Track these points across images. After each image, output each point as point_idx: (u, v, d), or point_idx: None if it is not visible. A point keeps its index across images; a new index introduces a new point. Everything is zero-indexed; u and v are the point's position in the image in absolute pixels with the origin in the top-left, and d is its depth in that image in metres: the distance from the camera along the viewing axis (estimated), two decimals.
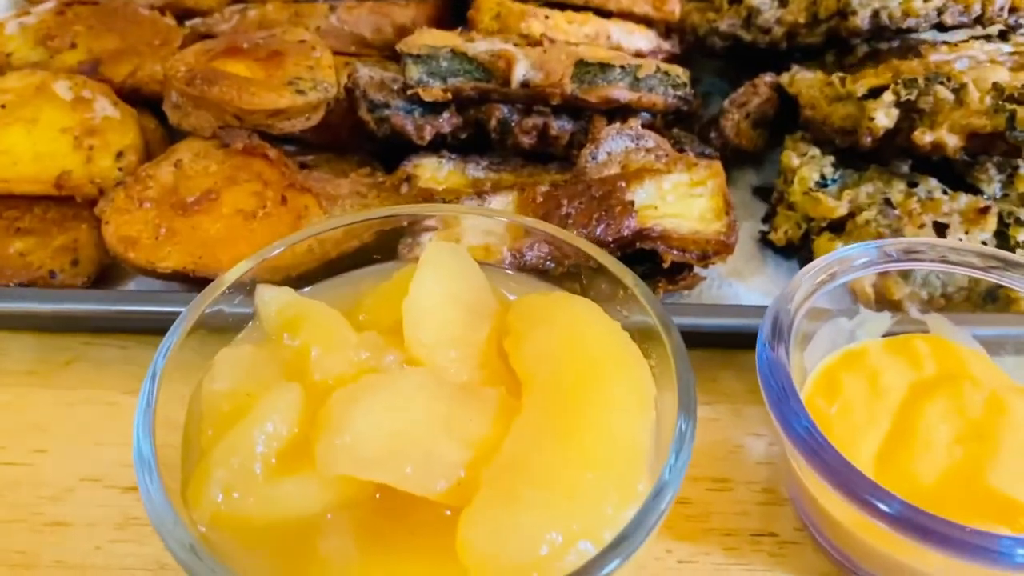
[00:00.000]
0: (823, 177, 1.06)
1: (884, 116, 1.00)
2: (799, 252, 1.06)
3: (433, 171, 1.08)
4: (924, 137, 1.00)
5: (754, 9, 1.19)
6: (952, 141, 1.00)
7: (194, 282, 0.95)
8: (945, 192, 1.06)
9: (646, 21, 1.25)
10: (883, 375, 0.83)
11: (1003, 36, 1.21)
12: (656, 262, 0.97)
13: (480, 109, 1.06)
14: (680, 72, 1.10)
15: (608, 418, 0.65)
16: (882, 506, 0.66)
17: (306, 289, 0.82)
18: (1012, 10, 1.17)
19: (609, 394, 0.67)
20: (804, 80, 1.15)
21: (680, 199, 0.98)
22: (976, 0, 1.08)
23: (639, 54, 1.20)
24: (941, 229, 1.00)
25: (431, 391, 0.67)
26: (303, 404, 0.66)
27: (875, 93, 1.02)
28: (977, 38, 1.17)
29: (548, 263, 0.88)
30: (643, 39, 1.21)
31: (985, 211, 1.02)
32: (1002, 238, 1.03)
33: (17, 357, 1.00)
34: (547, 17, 1.14)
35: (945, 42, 1.16)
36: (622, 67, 1.05)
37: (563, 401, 0.67)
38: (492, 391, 0.69)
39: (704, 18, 1.26)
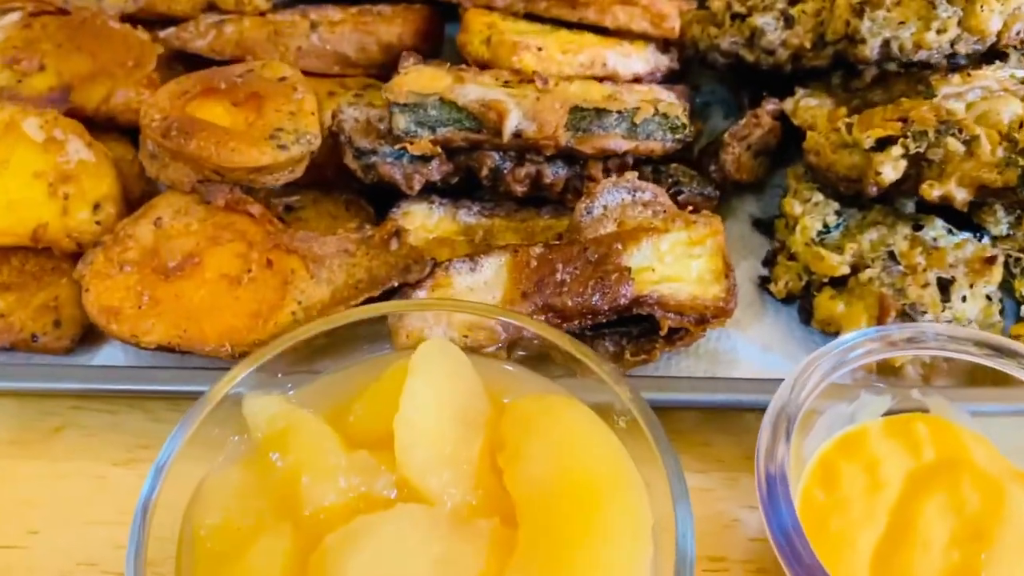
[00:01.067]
0: (825, 226, 1.03)
1: (891, 170, 0.96)
2: (800, 301, 1.03)
3: (423, 218, 1.04)
4: (932, 191, 0.96)
5: (758, 29, 1.13)
6: (960, 195, 0.96)
7: (179, 353, 0.93)
8: (951, 232, 1.03)
9: (644, 37, 1.19)
10: (881, 464, 0.82)
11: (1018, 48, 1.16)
12: (653, 322, 0.95)
13: (471, 156, 1.02)
14: (679, 112, 1.05)
15: (606, 560, 0.65)
16: None
17: (292, 392, 0.80)
18: None
19: (605, 530, 0.66)
20: (808, 111, 1.09)
21: (678, 259, 0.95)
22: (990, 33, 1.03)
23: (637, 79, 1.14)
24: (946, 285, 0.97)
25: (424, 531, 0.66)
26: (293, 550, 0.65)
27: (882, 143, 0.97)
28: (990, 62, 1.11)
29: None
30: (640, 61, 1.16)
31: (991, 260, 0.99)
32: (1007, 289, 1.01)
33: (1, 424, 0.98)
34: (540, 49, 1.08)
35: (956, 67, 1.10)
36: (619, 112, 1.00)
37: (559, 539, 0.66)
38: (486, 524, 0.68)
39: (705, 32, 1.19)
